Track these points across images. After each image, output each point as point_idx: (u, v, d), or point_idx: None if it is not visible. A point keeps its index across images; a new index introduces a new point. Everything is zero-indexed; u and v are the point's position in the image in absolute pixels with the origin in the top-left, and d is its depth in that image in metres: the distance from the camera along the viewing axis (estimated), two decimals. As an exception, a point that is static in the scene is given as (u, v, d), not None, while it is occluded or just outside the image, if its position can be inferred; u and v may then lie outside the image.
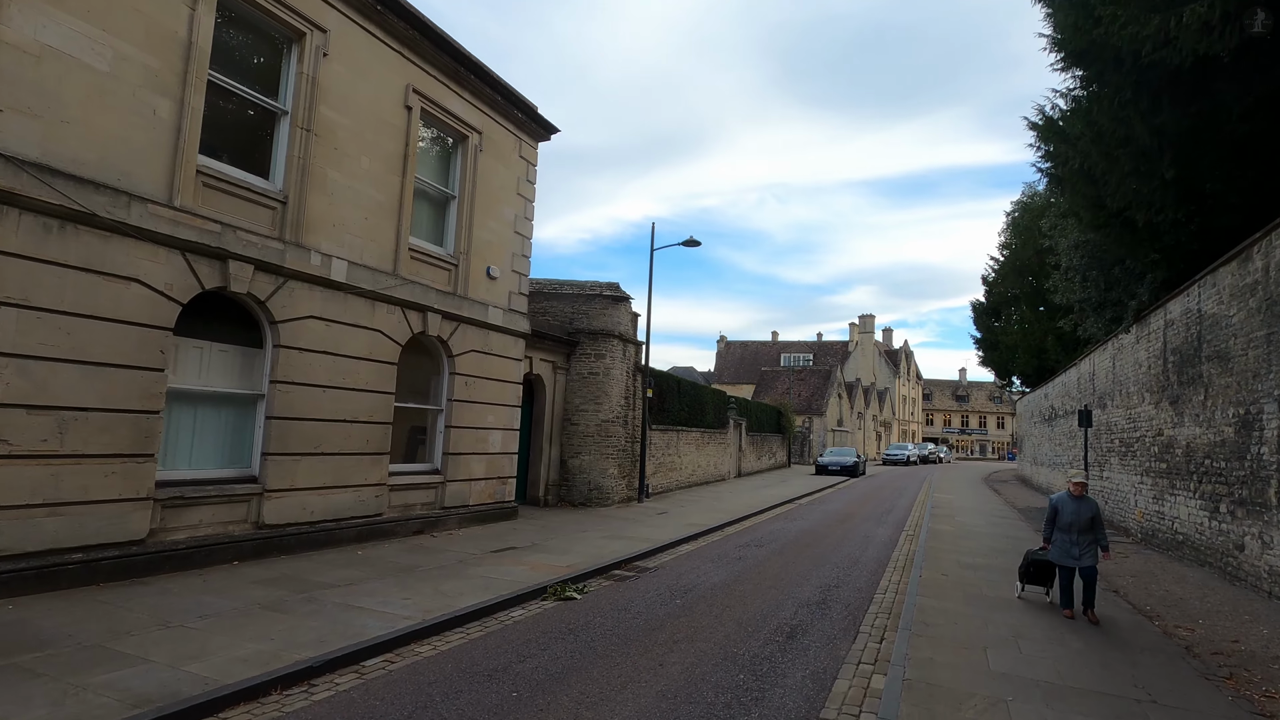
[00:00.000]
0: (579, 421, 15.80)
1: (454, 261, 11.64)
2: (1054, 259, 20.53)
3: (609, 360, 16.02)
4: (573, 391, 15.93)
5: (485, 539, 10.59)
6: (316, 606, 6.35)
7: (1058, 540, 7.39)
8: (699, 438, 22.77)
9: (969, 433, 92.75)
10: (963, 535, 13.19)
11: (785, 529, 13.82)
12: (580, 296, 16.40)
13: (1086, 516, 7.24)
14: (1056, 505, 7.49)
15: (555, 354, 15.54)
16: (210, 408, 8.22)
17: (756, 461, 32.02)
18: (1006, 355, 34.73)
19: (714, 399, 25.57)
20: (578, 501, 15.55)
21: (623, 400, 16.52)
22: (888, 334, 79.00)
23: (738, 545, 11.56)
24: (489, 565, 8.64)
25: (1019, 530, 14.61)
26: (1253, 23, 7.81)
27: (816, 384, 53.08)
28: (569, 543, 10.61)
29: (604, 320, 16.28)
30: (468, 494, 11.80)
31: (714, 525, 13.46)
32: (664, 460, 19.42)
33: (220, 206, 7.97)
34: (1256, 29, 7.82)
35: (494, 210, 12.58)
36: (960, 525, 14.79)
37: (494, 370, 12.46)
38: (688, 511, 15.53)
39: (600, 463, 15.72)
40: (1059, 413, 23.75)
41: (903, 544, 12.26)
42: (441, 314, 11.16)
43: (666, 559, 10.15)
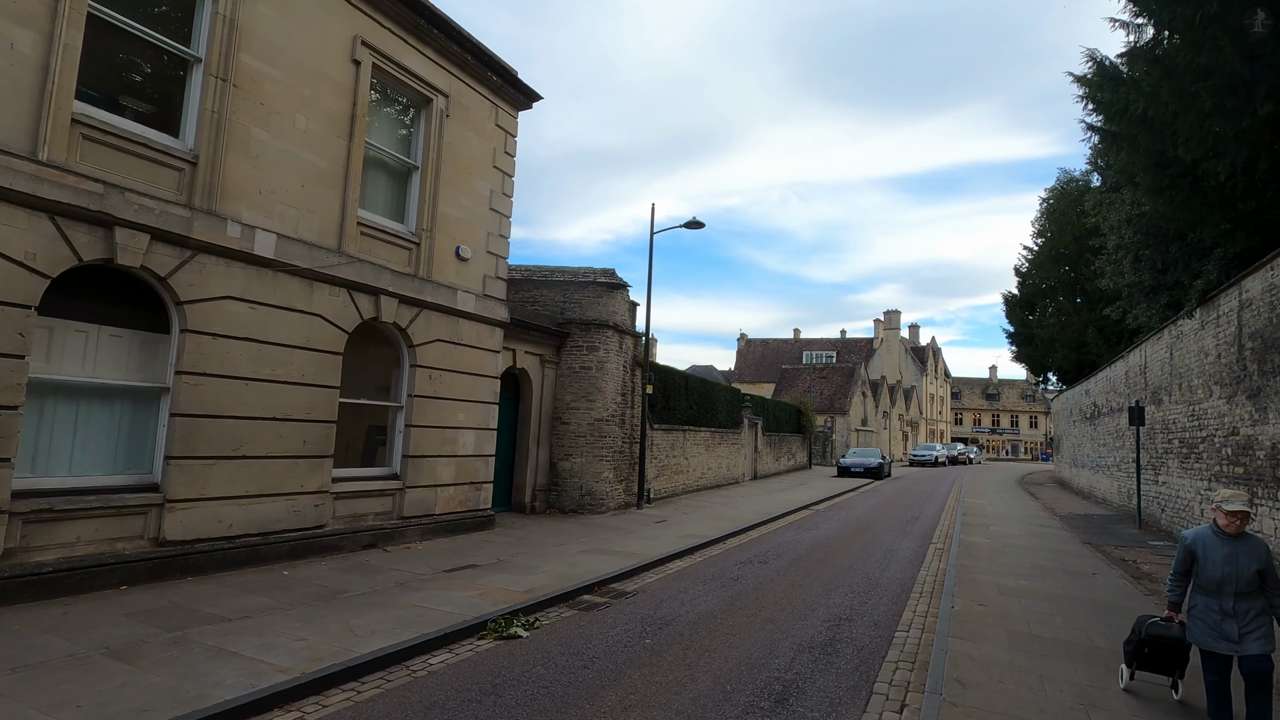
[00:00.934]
0: (570, 420, 14.41)
1: (415, 240, 10.31)
2: (1098, 240, 18.61)
3: (603, 353, 14.60)
4: (563, 387, 14.55)
5: (446, 554, 9.24)
6: (179, 652, 5.03)
7: (1199, 608, 4.47)
8: (709, 438, 21.26)
9: (1000, 432, 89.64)
10: (1000, 550, 11.53)
11: (796, 541, 12.27)
12: (572, 284, 15.01)
13: (1250, 570, 4.29)
14: (1194, 548, 4.53)
15: (543, 346, 14.17)
16: (98, 403, 6.96)
17: (774, 463, 30.38)
18: (1042, 350, 32.62)
19: (726, 397, 24.03)
20: (568, 508, 14.16)
21: (619, 397, 15.10)
22: (914, 330, 76.46)
23: (738, 562, 10.06)
24: (432, 590, 7.27)
25: (1065, 543, 12.88)
26: (1253, 23, 7.78)
27: (839, 382, 51.12)
28: (541, 559, 9.22)
29: (598, 309, 14.87)
30: (433, 502, 10.47)
31: (715, 536, 11.97)
32: (668, 462, 17.96)
33: (105, 164, 6.70)
34: (1256, 29, 7.74)
35: (465, 184, 11.23)
36: (996, 537, 13.10)
37: (465, 362, 11.11)
38: (690, 520, 14.05)
39: (593, 465, 14.31)
40: (1102, 410, 21.81)
41: (930, 560, 10.65)
42: (399, 298, 9.84)
43: (651, 580, 8.70)
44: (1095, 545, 12.86)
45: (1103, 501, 21.32)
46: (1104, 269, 17.05)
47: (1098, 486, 22.35)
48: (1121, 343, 26.43)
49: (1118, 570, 10.13)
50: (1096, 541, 13.39)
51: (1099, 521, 16.83)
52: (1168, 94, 8.06)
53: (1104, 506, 20.62)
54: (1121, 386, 19.04)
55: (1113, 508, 19.72)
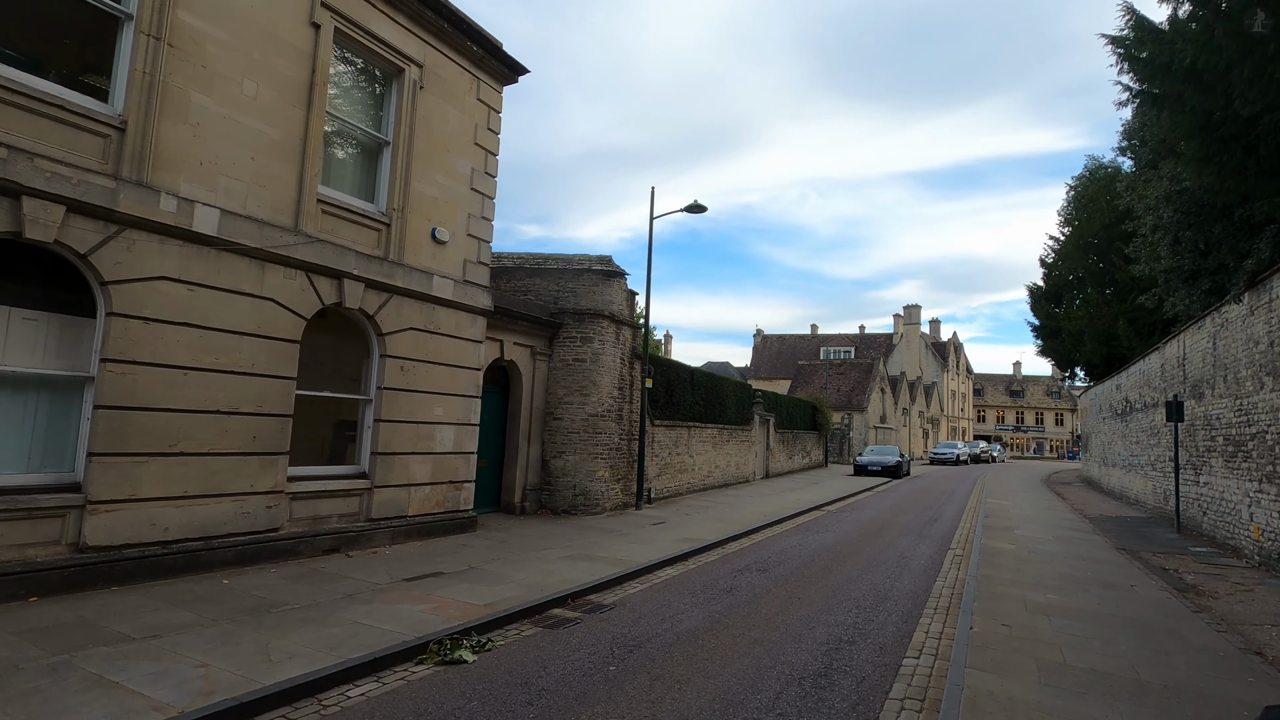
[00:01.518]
0: (563, 416, 13.61)
1: (385, 220, 9.56)
2: (1131, 224, 17.36)
3: (598, 344, 13.78)
4: (556, 381, 13.75)
5: (413, 560, 8.48)
6: (50, 682, 4.30)
7: None
8: (716, 435, 20.37)
9: (1024, 430, 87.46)
10: (1026, 557, 10.53)
11: (803, 545, 11.36)
12: (566, 272, 14.21)
13: None
14: None
15: (534, 337, 13.38)
16: (9, 394, 6.28)
17: (788, 461, 29.39)
18: (1069, 344, 31.24)
19: (736, 392, 23.10)
20: (561, 509, 13.37)
21: (616, 391, 14.28)
22: (935, 326, 74.67)
23: (735, 569, 9.19)
24: (381, 603, 6.50)
25: (1097, 550, 11.83)
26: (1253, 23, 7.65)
27: (857, 378, 49.84)
28: (516, 566, 8.43)
29: (593, 299, 14.05)
30: (405, 502, 9.73)
31: (714, 540, 11.10)
32: (671, 460, 17.11)
33: (12, 125, 6.01)
34: (1256, 29, 7.62)
35: (442, 161, 10.46)
36: (1021, 542, 12.07)
37: (443, 353, 10.35)
38: (690, 522, 13.19)
39: (587, 464, 13.51)
40: (1135, 406, 20.55)
41: (948, 569, 9.70)
42: (365, 282, 9.10)
43: (634, 591, 7.86)
44: (1131, 552, 11.80)
45: (1135, 503, 20.08)
46: (1138, 254, 15.87)
47: (1130, 487, 21.10)
48: (1155, 335, 25.05)
49: (1158, 581, 9.10)
50: (1132, 547, 12.31)
51: (1133, 525, 15.68)
52: (1223, 37, 7.03)
53: (1137, 508, 19.40)
54: (1157, 380, 17.82)
55: (1147, 510, 18.51)
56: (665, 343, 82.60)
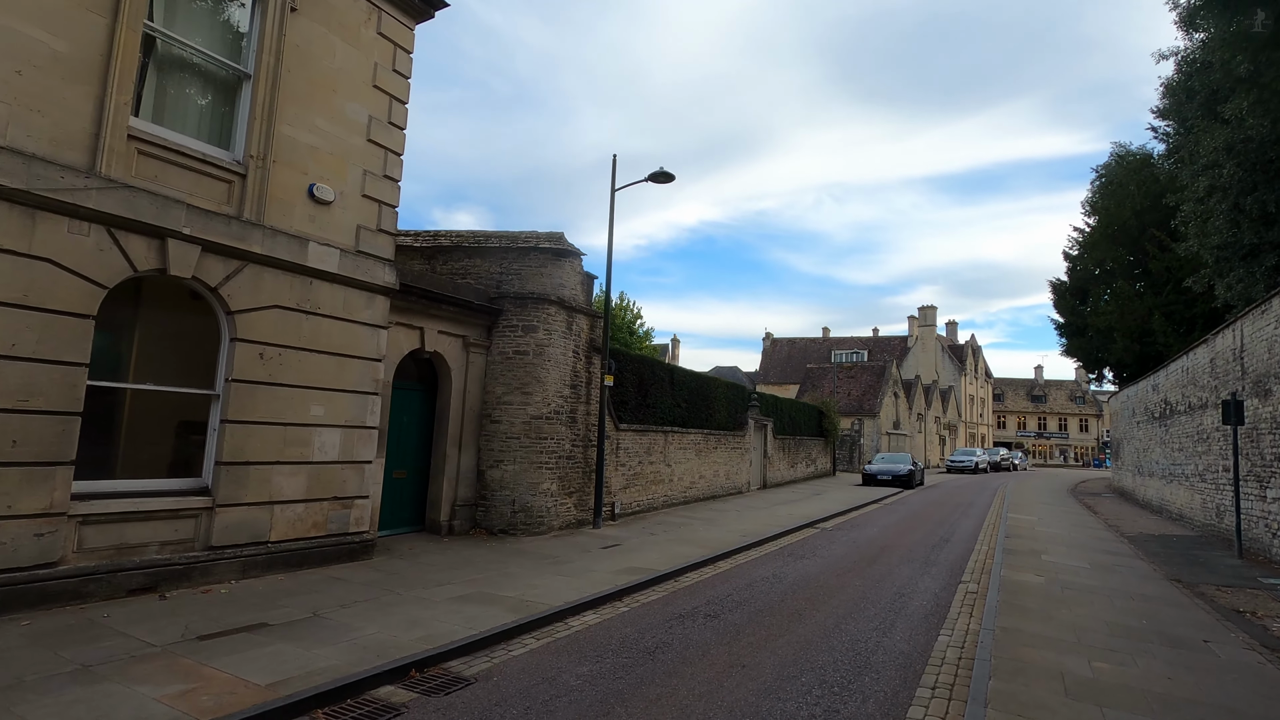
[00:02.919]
0: (501, 418, 11.57)
1: (240, 169, 7.61)
2: (1174, 197, 14.98)
3: (543, 334, 11.74)
4: (494, 377, 11.73)
5: (247, 602, 6.47)
6: None
7: None
8: (701, 441, 18.22)
9: (1047, 436, 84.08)
10: (1059, 596, 8.30)
11: (778, 576, 9.21)
12: (510, 251, 12.21)
13: None
14: None
15: (466, 325, 11.37)
16: None
17: (789, 470, 27.12)
18: (1097, 342, 28.75)
19: (726, 394, 20.95)
20: (498, 528, 11.30)
21: (567, 390, 12.22)
22: (951, 327, 71.77)
23: (675, 615, 7.07)
24: (114, 683, 4.48)
25: (1146, 581, 9.55)
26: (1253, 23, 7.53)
27: (869, 382, 47.35)
28: (379, 613, 6.38)
29: (540, 281, 12.03)
30: (265, 525, 7.72)
31: (669, 570, 9.00)
32: (642, 470, 14.99)
33: None
34: (1256, 29, 7.49)
35: (326, 104, 8.51)
36: (1051, 571, 9.83)
37: (325, 339, 8.37)
38: (651, 544, 11.09)
39: (529, 475, 11.44)
40: (1177, 408, 18.13)
41: (957, 614, 7.51)
42: (203, 244, 7.14)
43: (519, 652, 5.78)
44: (1188, 586, 9.51)
45: (1179, 518, 17.64)
46: (1184, 228, 13.56)
47: (1172, 500, 18.64)
48: (1197, 330, 22.55)
49: (1239, 635, 6.86)
50: (1188, 579, 10.02)
51: (1181, 547, 13.32)
52: None
53: (1182, 525, 16.96)
54: (1205, 377, 15.44)
55: (1195, 527, 16.08)
56: (673, 347, 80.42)
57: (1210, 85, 11.75)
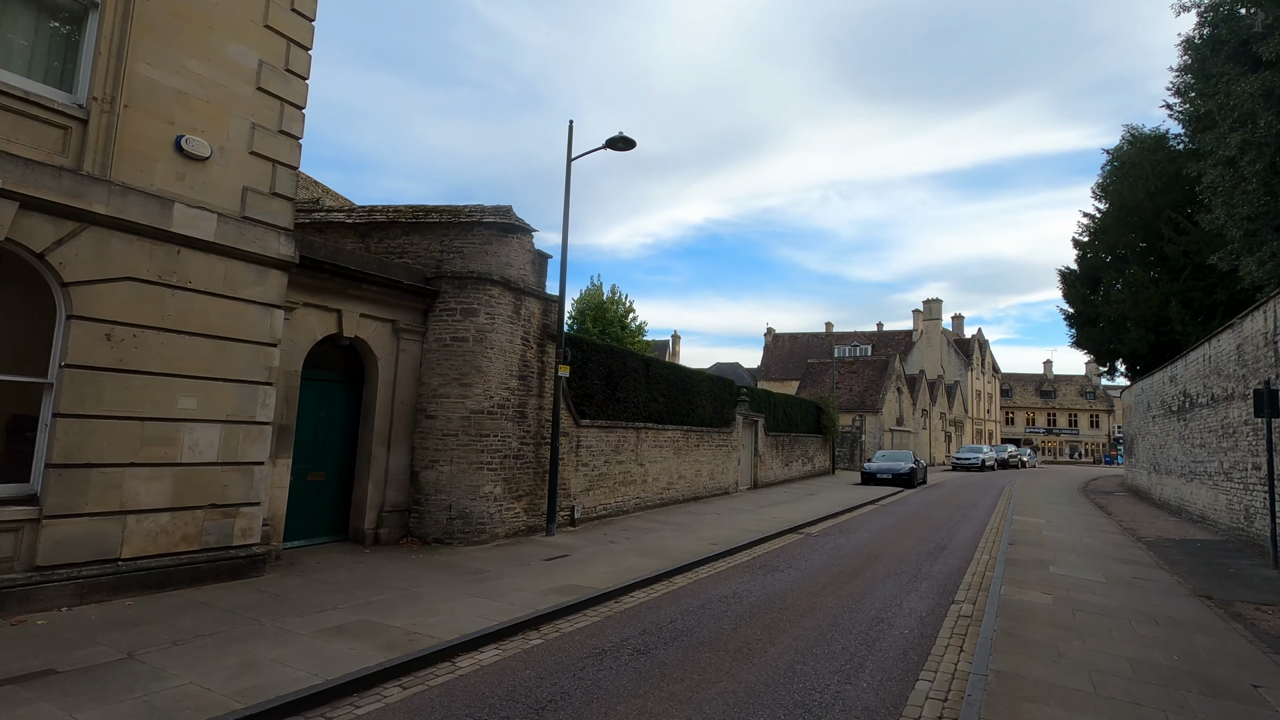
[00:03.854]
0: (437, 413, 10.29)
1: (81, 114, 6.34)
2: (1195, 167, 13.52)
3: (484, 319, 10.44)
4: (430, 367, 10.44)
5: (53, 641, 5.21)
6: None
7: None
8: (680, 439, 16.89)
9: (1056, 432, 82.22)
10: (1070, 623, 6.95)
11: (738, 596, 7.90)
12: (451, 226, 10.91)
13: None
14: None
15: (395, 308, 10.10)
16: None
17: (783, 469, 25.75)
18: (1109, 332, 27.25)
19: (712, 388, 19.60)
20: (432, 537, 10.03)
21: (514, 381, 10.92)
22: (958, 321, 70.02)
23: (598, 649, 5.77)
24: None
25: (1171, 597, 8.18)
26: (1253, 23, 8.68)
27: (871, 377, 45.85)
28: (213, 653, 5.11)
29: (484, 260, 10.74)
30: (117, 540, 6.47)
31: (613, 588, 7.71)
32: (609, 470, 13.68)
33: None
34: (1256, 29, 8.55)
35: (200, 42, 7.23)
36: (1060, 587, 8.47)
37: (197, 318, 7.10)
38: (605, 555, 9.80)
39: (469, 476, 10.16)
40: (1198, 400, 16.68)
41: (944, 646, 6.17)
42: (23, 200, 5.88)
43: (367, 709, 4.49)
44: (1221, 604, 8.14)
45: (1201, 520, 16.19)
46: (1209, 196, 12.13)
47: (1192, 500, 17.19)
48: (1216, 317, 21.04)
49: (1296, 674, 5.49)
50: (1220, 594, 8.65)
51: (1206, 553, 11.92)
52: None
53: (1205, 528, 15.52)
54: (1231, 365, 14.00)
55: (1220, 530, 14.65)
56: (673, 344, 78.97)
57: (1240, 33, 10.32)
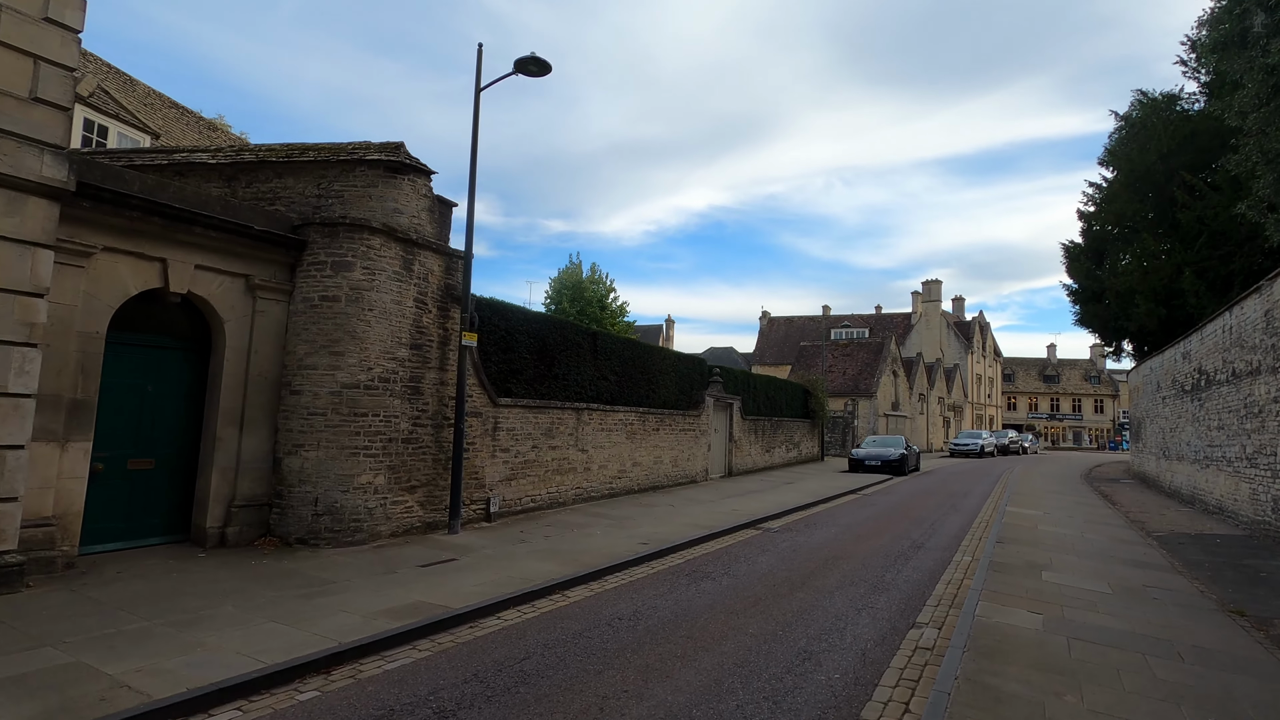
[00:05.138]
0: (303, 388, 8.53)
1: None
2: (1218, 105, 11.63)
3: (361, 274, 8.66)
4: (296, 333, 8.67)
5: None
6: None
7: None
8: (635, 421, 15.12)
9: (1060, 418, 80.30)
10: (1062, 662, 5.20)
11: (639, 615, 6.17)
12: (330, 166, 9.11)
13: None
14: None
15: (249, 260, 8.31)
16: None
17: (763, 455, 23.99)
18: (1116, 308, 25.31)
19: (677, 367, 17.80)
20: (296, 536, 8.30)
21: (404, 350, 9.15)
22: (958, 304, 67.90)
23: (378, 713, 4.03)
24: None
25: (1199, 620, 6.42)
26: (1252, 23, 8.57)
27: (866, 360, 43.98)
28: None
29: (366, 205, 8.94)
30: None
31: (479, 605, 5.99)
32: (538, 457, 11.91)
33: None
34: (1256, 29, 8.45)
35: (-94, -113, 5.40)
36: (1055, 603, 6.71)
37: (-97, 256, 5.33)
38: (502, 559, 8.08)
39: (340, 463, 8.41)
40: (1215, 378, 14.85)
41: (882, 707, 4.42)
42: None
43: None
44: (1258, 622, 6.39)
45: (1219, 511, 14.41)
46: (1239, 124, 10.20)
47: (1208, 488, 15.40)
48: (1234, 289, 19.17)
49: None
50: (1255, 609, 6.90)
51: (1228, 551, 10.16)
52: None
53: (1224, 520, 13.74)
54: (1258, 336, 12.15)
55: (1242, 524, 12.86)
56: (666, 328, 77.10)
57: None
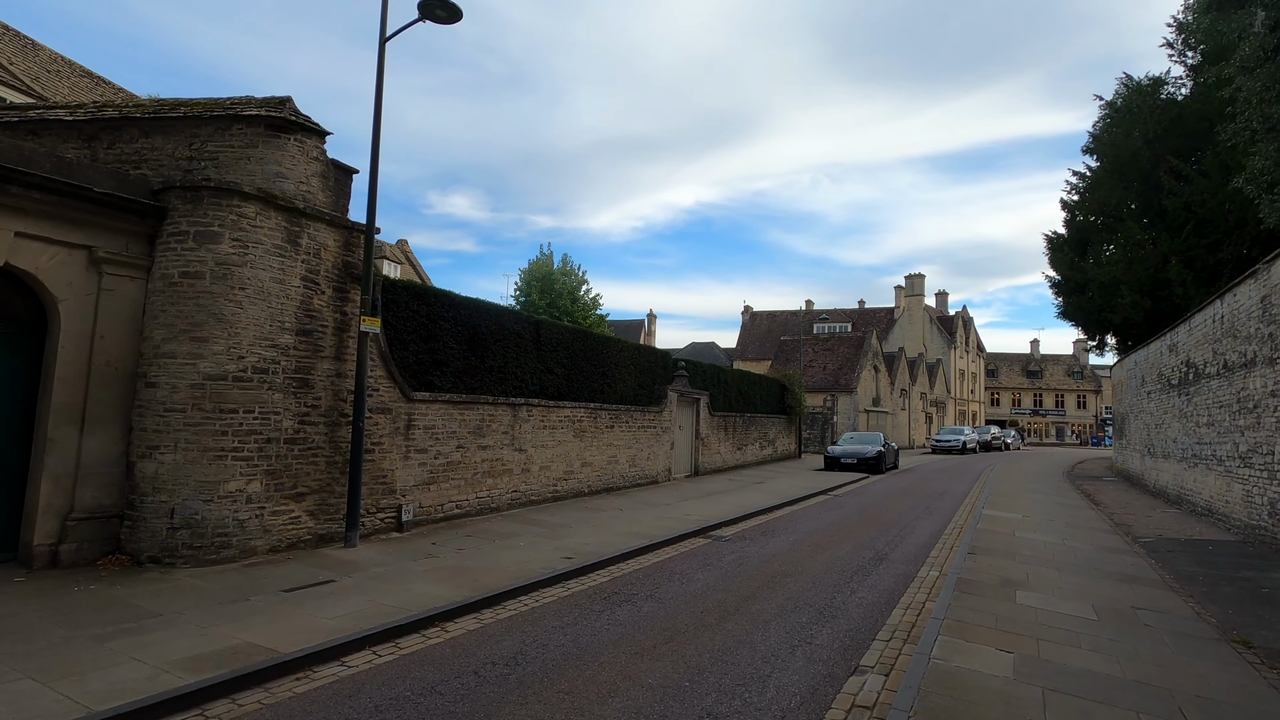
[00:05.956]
0: (160, 379, 7.28)
1: None
2: (1211, 72, 10.63)
3: (231, 247, 7.41)
4: (154, 316, 7.42)
5: None
6: None
7: None
8: (585, 418, 13.95)
9: (1043, 413, 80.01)
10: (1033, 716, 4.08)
11: (526, 655, 5.02)
12: (203, 124, 7.84)
13: None
14: None
15: (91, 229, 7.05)
16: None
17: (734, 453, 22.90)
18: (1099, 299, 24.42)
19: (636, 359, 16.64)
20: (149, 554, 7.05)
21: (290, 336, 7.91)
22: (942, 298, 67.21)
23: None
24: None
25: (1200, 655, 5.36)
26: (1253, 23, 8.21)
27: (847, 354, 43.03)
28: None
29: (244, 168, 7.69)
30: None
31: (310, 651, 4.83)
32: (464, 459, 10.70)
33: None
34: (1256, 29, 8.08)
35: None
36: (1029, 636, 5.64)
37: None
38: (395, 579, 6.91)
39: (204, 468, 7.18)
40: (1205, 370, 13.91)
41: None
42: None
43: None
44: (1267, 656, 5.34)
45: (1208, 513, 13.47)
46: (1234, 97, 9.22)
47: (1196, 489, 14.47)
48: (1224, 277, 18.29)
49: None
50: (1260, 636, 5.87)
51: (1224, 561, 9.16)
52: None
53: (1214, 523, 12.79)
54: (1253, 324, 11.18)
55: (1234, 528, 11.91)
56: (648, 323, 75.83)
57: None
